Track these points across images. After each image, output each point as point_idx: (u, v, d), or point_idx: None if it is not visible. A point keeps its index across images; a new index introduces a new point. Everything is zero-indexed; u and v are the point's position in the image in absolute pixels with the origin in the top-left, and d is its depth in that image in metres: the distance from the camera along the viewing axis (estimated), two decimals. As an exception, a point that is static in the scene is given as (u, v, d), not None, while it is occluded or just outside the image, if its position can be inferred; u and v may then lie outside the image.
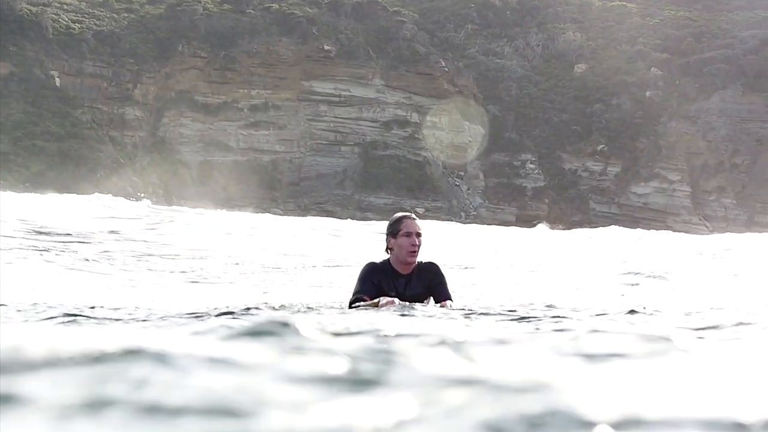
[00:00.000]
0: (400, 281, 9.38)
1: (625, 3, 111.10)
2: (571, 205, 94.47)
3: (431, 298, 9.50)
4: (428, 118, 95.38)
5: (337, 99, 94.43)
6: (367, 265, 9.55)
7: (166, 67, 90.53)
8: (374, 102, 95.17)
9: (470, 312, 8.61)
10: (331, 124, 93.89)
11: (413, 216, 9.61)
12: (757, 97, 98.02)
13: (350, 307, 9.19)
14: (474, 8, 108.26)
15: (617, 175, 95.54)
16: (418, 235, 9.37)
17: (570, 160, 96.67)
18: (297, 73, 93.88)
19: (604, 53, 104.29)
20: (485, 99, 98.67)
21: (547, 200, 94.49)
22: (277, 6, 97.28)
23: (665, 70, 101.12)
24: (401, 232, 9.34)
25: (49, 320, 7.70)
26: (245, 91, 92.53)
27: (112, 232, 26.96)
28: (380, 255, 9.64)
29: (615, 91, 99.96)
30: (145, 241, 26.32)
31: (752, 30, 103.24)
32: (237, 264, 22.10)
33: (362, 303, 9.03)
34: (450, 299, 9.41)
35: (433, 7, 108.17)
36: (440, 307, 9.17)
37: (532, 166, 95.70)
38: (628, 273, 22.58)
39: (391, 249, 9.42)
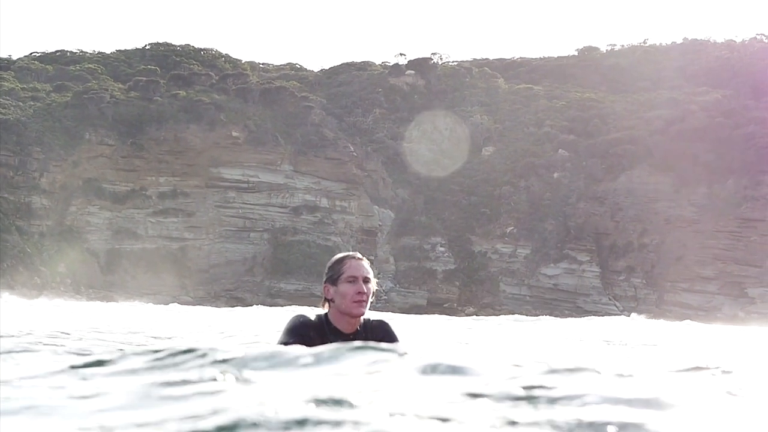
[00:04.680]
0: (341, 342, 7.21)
1: (531, 86, 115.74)
2: (482, 287, 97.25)
3: None
4: (337, 202, 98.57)
5: (245, 185, 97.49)
6: (295, 317, 7.67)
7: (73, 155, 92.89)
8: (283, 187, 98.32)
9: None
10: (240, 210, 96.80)
11: (359, 255, 7.77)
12: (664, 177, 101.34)
13: None
14: (381, 93, 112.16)
15: (527, 256, 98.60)
16: (366, 280, 7.59)
17: (480, 243, 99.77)
18: (205, 160, 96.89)
19: (512, 135, 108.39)
20: (394, 183, 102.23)
21: (458, 283, 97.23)
22: (185, 93, 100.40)
23: (572, 151, 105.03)
24: (344, 276, 7.57)
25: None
26: (153, 178, 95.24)
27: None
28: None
29: (523, 173, 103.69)
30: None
31: (657, 110, 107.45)
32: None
33: None
34: None
35: (341, 92, 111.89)
36: None
37: (442, 249, 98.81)
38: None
39: (330, 301, 7.62)
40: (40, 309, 45.81)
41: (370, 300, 7.64)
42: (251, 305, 77.41)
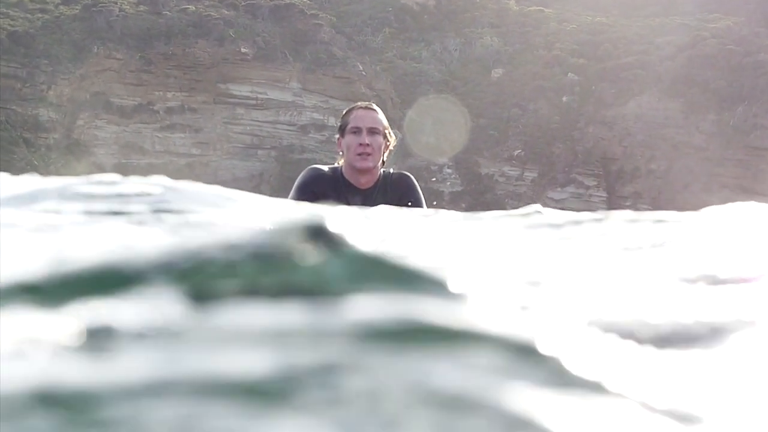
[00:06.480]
0: (356, 198, 7.11)
1: (542, 8, 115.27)
2: (488, 209, 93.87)
3: None
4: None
5: (253, 102, 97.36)
6: (307, 170, 7.25)
7: (80, 68, 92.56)
8: (291, 105, 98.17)
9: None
10: (248, 128, 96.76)
11: (371, 105, 7.39)
12: (673, 103, 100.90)
13: None
14: (392, 12, 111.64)
15: (534, 180, 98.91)
16: (374, 131, 7.14)
17: (487, 165, 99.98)
18: (213, 76, 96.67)
19: (521, 58, 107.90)
20: (402, 103, 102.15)
21: (464, 205, 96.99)
22: (194, 8, 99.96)
23: (582, 75, 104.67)
24: (349, 127, 7.15)
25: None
26: (161, 93, 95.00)
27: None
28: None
29: (532, 96, 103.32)
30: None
31: (668, 36, 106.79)
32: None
33: None
34: None
35: (351, 10, 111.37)
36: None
37: (449, 170, 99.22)
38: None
39: (341, 153, 7.25)
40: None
41: (382, 153, 7.31)
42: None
